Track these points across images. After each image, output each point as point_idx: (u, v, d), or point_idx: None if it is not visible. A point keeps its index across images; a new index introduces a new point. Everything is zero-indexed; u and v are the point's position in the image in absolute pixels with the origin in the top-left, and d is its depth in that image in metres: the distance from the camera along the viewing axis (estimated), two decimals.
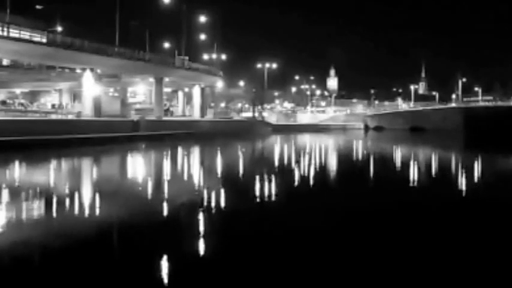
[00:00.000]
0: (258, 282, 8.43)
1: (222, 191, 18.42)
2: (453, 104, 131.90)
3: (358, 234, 11.64)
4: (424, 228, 12.36)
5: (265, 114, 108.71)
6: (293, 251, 10.22)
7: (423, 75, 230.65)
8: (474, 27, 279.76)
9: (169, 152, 41.48)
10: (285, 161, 34.61)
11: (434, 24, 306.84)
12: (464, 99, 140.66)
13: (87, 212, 14.74)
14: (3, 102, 66.70)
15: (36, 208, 15.26)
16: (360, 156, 41.61)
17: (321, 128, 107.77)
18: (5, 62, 68.15)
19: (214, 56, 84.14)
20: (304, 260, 9.55)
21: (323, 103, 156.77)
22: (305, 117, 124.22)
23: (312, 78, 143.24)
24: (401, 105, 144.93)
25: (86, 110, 56.72)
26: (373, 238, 11.27)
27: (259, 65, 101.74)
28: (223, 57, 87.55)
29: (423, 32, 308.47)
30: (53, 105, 70.31)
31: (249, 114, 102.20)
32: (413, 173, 25.90)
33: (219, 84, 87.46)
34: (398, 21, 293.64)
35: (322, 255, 9.89)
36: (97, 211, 14.94)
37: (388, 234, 11.71)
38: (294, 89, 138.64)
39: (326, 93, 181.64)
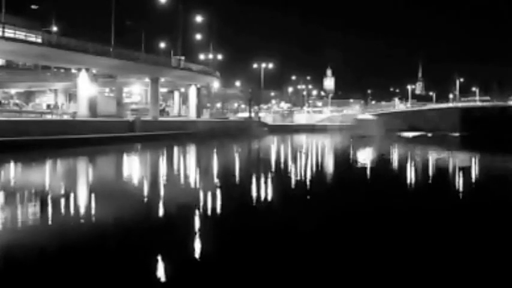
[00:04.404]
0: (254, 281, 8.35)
1: (217, 191, 18.37)
2: (450, 104, 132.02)
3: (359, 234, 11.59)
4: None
5: (261, 114, 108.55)
6: (287, 249, 10.12)
7: (420, 75, 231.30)
8: (472, 27, 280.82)
9: (165, 153, 41.41)
10: (279, 162, 34.55)
11: (432, 24, 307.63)
12: (462, 99, 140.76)
13: (81, 212, 14.68)
14: None
15: (31, 208, 15.18)
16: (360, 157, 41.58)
17: (317, 129, 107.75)
18: None
19: (210, 56, 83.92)
20: (298, 259, 9.46)
21: (320, 103, 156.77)
22: (302, 117, 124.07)
23: (308, 78, 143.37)
24: (398, 105, 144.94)
25: (81, 111, 56.50)
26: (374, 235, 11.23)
27: (255, 65, 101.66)
28: (220, 57, 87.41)
29: (421, 32, 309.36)
30: (48, 106, 70.07)
31: (246, 115, 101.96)
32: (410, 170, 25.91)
33: (215, 84, 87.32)
34: (396, 21, 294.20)
35: (317, 253, 9.81)
36: (91, 211, 14.84)
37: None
38: (290, 89, 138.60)
39: (323, 93, 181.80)
